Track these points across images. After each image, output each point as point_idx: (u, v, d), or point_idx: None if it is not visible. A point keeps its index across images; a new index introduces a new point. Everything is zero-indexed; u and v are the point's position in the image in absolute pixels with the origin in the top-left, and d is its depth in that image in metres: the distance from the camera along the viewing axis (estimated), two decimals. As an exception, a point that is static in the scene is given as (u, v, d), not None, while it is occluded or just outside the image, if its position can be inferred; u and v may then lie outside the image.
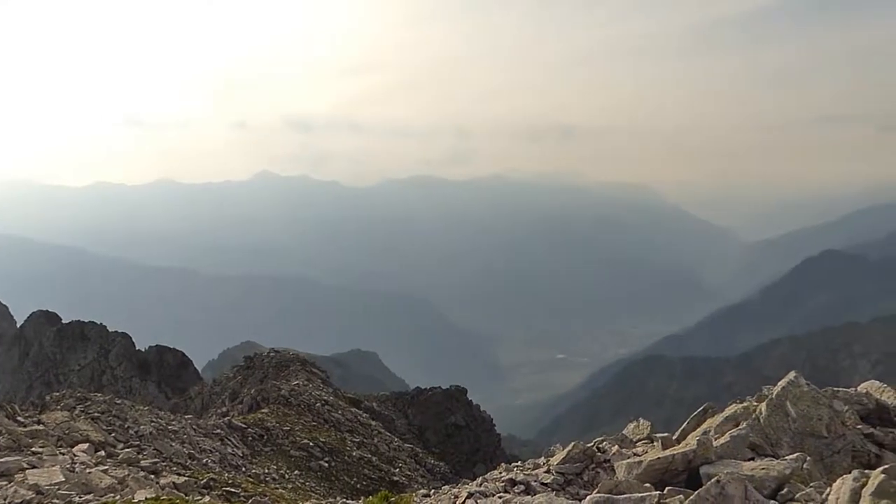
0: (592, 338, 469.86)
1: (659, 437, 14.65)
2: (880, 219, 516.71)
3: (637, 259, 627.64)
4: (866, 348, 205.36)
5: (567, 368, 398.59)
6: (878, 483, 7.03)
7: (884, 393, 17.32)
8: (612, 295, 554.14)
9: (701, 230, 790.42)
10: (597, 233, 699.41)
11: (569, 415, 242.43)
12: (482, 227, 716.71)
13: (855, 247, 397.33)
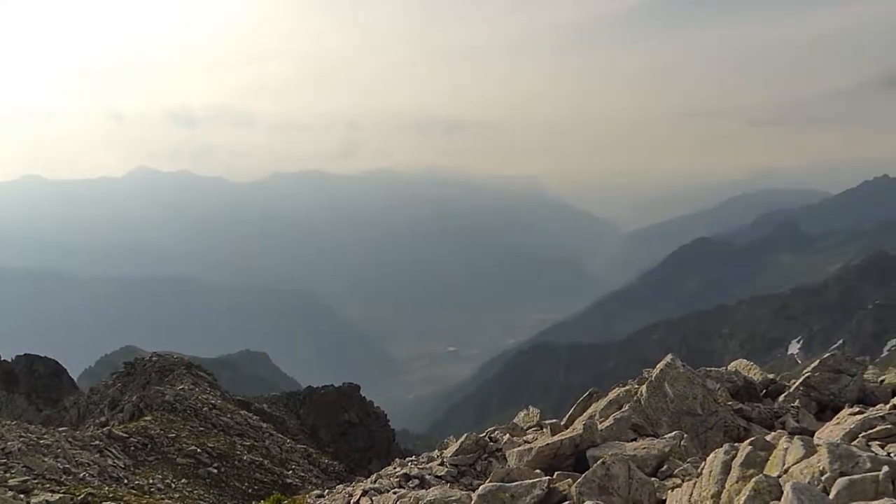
0: (482, 329, 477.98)
1: (548, 424, 15.08)
2: (747, 207, 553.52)
3: (523, 250, 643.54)
4: (735, 329, 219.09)
5: (459, 360, 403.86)
6: (746, 454, 7.51)
7: (750, 370, 18.54)
8: (500, 286, 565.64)
9: (584, 221, 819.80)
10: (485, 225, 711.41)
11: (461, 406, 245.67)
12: (372, 221, 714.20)
13: (724, 234, 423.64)
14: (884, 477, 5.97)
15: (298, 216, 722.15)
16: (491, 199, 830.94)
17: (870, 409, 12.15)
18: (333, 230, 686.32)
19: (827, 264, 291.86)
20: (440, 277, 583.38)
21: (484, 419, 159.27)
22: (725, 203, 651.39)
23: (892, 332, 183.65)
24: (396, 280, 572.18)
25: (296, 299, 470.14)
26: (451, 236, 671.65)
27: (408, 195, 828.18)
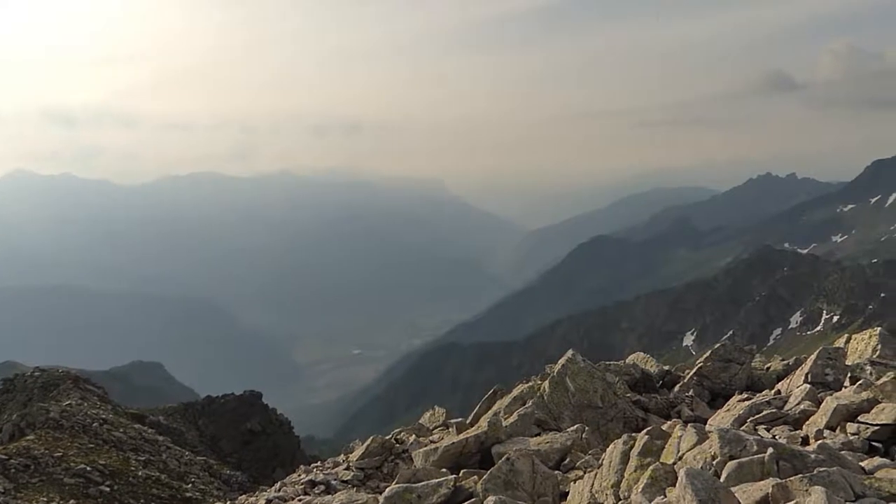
0: (387, 330, 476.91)
1: (454, 423, 15.13)
2: (642, 205, 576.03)
3: (427, 251, 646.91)
4: (633, 324, 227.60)
5: (364, 363, 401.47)
6: (643, 444, 7.74)
7: (647, 363, 19.20)
8: (404, 287, 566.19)
9: (486, 221, 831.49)
10: (387, 227, 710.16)
11: (368, 409, 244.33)
12: (270, 225, 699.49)
13: (621, 231, 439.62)
14: (769, 458, 6.28)
15: (193, 220, 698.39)
16: (393, 201, 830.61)
17: (757, 396, 12.80)
18: (231, 234, 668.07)
19: (717, 259, 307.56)
20: (343, 280, 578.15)
21: (391, 421, 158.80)
22: (621, 201, 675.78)
23: (778, 322, 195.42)
24: (298, 284, 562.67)
25: (192, 306, 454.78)
26: (353, 238, 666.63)
27: (309, 197, 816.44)
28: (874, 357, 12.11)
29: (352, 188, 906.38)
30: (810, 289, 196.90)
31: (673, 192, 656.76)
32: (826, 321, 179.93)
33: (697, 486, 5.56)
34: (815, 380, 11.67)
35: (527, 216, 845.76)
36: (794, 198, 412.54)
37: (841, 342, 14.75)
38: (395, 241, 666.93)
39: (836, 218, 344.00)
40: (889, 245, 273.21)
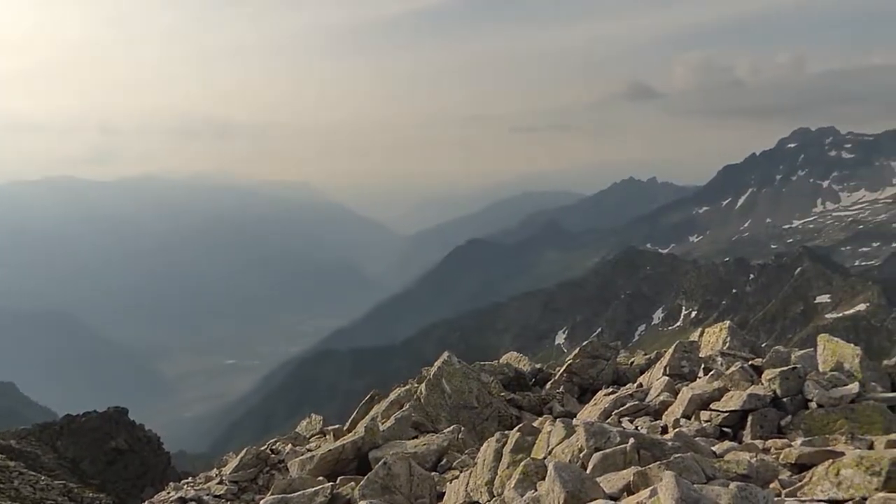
0: (262, 339, 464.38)
1: (331, 430, 14.98)
2: (514, 208, 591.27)
3: (302, 256, 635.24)
4: (508, 324, 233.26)
5: (239, 373, 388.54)
6: (515, 441, 7.99)
7: (520, 362, 19.76)
8: (279, 294, 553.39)
9: (361, 225, 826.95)
10: (260, 232, 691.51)
11: (244, 421, 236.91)
12: (135, 231, 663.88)
13: (495, 235, 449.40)
14: (630, 448, 6.66)
15: (48, 227, 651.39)
16: (266, 205, 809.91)
17: (621, 389, 13.47)
18: (90, 242, 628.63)
19: (586, 260, 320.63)
20: (214, 288, 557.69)
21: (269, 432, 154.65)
22: (495, 205, 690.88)
23: (642, 318, 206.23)
24: (165, 293, 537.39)
25: (48, 320, 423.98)
26: (224, 245, 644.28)
27: (175, 202, 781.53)
28: (724, 349, 13.04)
29: (222, 192, 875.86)
30: (670, 286, 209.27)
31: (543, 195, 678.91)
32: (685, 317, 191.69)
33: (565, 479, 5.79)
34: (673, 372, 12.44)
35: (403, 220, 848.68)
36: (654, 201, 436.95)
37: (695, 336, 15.77)
38: (268, 247, 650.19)
39: (692, 219, 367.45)
40: (739, 244, 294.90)
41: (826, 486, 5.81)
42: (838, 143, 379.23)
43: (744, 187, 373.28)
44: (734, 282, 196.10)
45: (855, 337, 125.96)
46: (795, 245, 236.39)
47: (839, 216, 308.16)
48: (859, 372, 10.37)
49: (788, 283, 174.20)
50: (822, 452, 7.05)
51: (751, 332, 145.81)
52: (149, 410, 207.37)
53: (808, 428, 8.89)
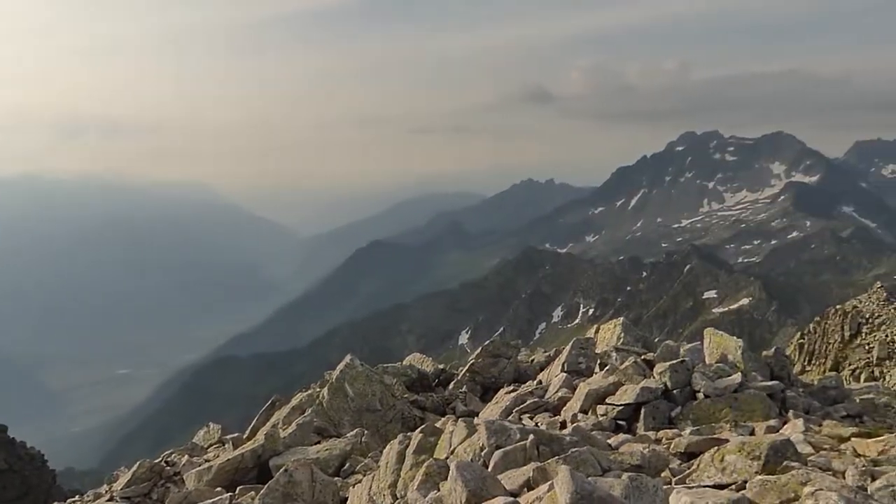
0: (157, 347, 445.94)
1: (230, 439, 14.57)
2: (417, 210, 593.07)
3: (199, 260, 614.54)
4: (412, 325, 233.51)
5: (132, 383, 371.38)
6: (418, 442, 8.02)
7: (424, 363, 19.83)
8: (174, 300, 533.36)
9: (261, 227, 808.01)
10: (152, 235, 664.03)
11: (138, 433, 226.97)
12: (16, 234, 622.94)
13: (397, 236, 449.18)
14: (530, 444, 6.81)
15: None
16: (158, 207, 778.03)
17: (521, 387, 13.75)
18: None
19: (487, 260, 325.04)
20: (104, 294, 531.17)
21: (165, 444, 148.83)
22: (397, 206, 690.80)
23: (542, 317, 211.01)
24: (49, 300, 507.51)
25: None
26: (113, 248, 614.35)
27: (59, 204, 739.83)
28: (619, 344, 13.55)
29: (111, 193, 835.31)
30: (569, 285, 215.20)
31: (445, 197, 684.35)
32: (583, 314, 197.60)
33: (467, 478, 5.85)
34: (571, 368, 12.80)
35: (304, 222, 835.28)
36: (552, 202, 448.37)
37: (591, 333, 16.30)
38: (162, 250, 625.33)
39: (588, 220, 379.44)
40: (632, 243, 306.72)
41: (712, 472, 6.13)
42: (722, 147, 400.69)
43: (636, 188, 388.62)
44: (628, 279, 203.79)
45: (739, 330, 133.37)
46: (684, 243, 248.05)
47: (724, 216, 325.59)
48: (742, 363, 11.01)
49: (678, 280, 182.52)
50: (708, 441, 7.44)
51: (644, 327, 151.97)
52: (32, 426, 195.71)
53: (696, 417, 9.37)
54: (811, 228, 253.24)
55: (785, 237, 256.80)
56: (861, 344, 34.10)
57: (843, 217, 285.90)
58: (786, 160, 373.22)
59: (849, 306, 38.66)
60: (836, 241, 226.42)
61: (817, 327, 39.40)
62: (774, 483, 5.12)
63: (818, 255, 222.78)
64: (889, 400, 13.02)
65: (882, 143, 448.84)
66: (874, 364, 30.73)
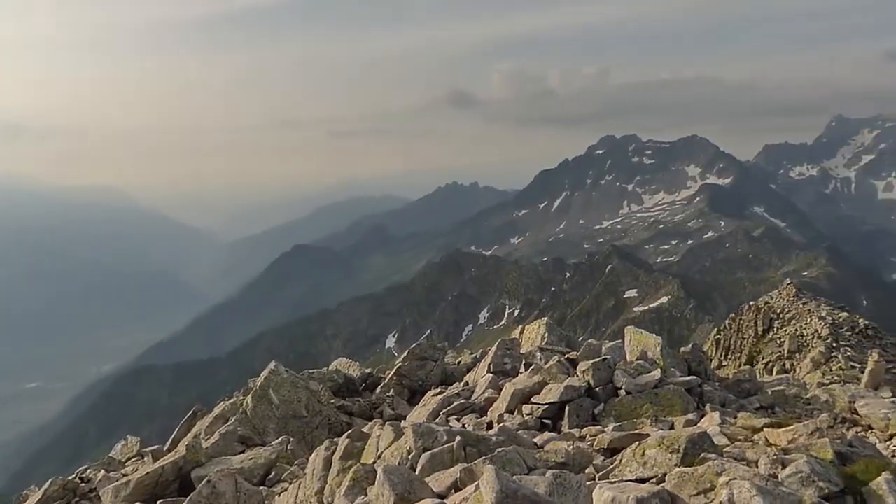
0: (69, 358, 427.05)
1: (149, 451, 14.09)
2: (340, 214, 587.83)
3: (114, 267, 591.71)
4: (338, 330, 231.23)
5: (41, 398, 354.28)
6: (345, 447, 7.94)
7: (350, 367, 19.68)
8: (88, 308, 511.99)
9: (179, 232, 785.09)
10: (62, 241, 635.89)
11: (50, 450, 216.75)
12: None
13: (321, 240, 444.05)
14: (457, 446, 6.85)
15: None
16: (69, 213, 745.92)
17: (448, 389, 13.81)
18: None
19: (413, 263, 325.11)
20: (10, 304, 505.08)
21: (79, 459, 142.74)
22: (321, 210, 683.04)
23: (468, 319, 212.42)
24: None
25: None
26: (18, 256, 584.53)
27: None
28: (543, 344, 13.77)
29: (14, 198, 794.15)
30: (494, 287, 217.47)
31: (369, 200, 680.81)
32: (509, 315, 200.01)
33: (394, 481, 5.84)
34: (497, 369, 12.93)
35: (225, 226, 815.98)
36: (477, 204, 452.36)
37: (516, 333, 16.51)
38: (73, 258, 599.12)
39: (512, 222, 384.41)
40: (555, 245, 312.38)
41: (634, 467, 6.30)
42: (640, 150, 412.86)
43: (558, 191, 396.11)
44: (552, 280, 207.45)
45: (659, 327, 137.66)
46: (605, 244, 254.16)
47: (643, 217, 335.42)
48: (661, 360, 11.35)
49: (600, 280, 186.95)
50: (630, 436, 7.65)
51: (568, 327, 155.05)
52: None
53: (619, 414, 9.60)
54: (725, 228, 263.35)
55: (701, 237, 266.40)
56: (773, 338, 35.63)
57: (755, 217, 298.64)
58: (700, 163, 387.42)
59: (761, 303, 40.40)
60: (749, 241, 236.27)
61: (732, 323, 41.01)
62: (692, 474, 5.30)
63: (732, 254, 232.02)
64: (798, 391, 13.66)
65: (789, 146, 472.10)
66: (785, 357, 32.11)
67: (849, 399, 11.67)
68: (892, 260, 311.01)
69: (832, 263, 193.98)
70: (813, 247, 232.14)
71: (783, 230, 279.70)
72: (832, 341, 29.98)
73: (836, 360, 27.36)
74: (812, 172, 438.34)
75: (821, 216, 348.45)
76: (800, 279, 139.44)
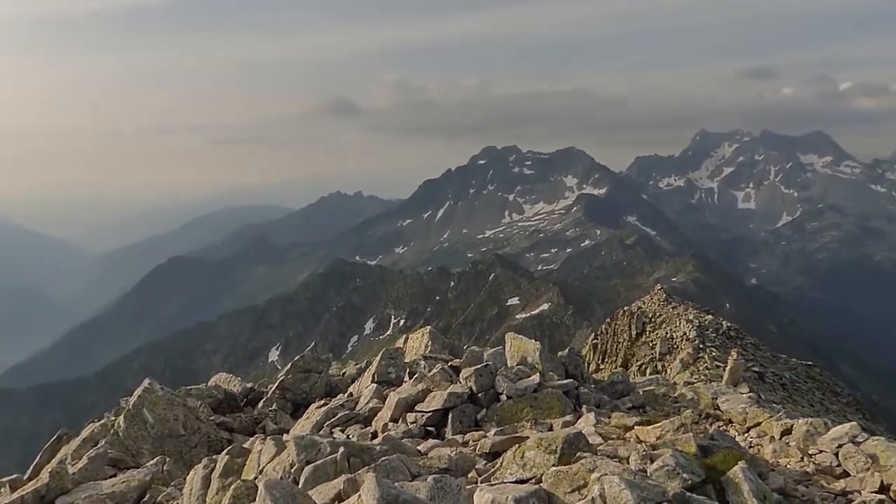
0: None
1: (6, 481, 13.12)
2: (219, 224, 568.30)
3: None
4: (218, 344, 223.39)
5: None
6: (224, 464, 7.73)
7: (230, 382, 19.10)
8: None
9: (43, 245, 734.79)
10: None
11: None
12: None
13: (199, 251, 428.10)
14: (340, 457, 6.81)
15: None
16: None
17: (333, 400, 13.68)
18: None
19: (296, 274, 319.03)
20: None
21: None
22: (198, 220, 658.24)
23: (354, 329, 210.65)
24: None
25: None
26: None
27: None
28: (427, 352, 13.91)
29: None
30: (380, 297, 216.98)
31: (250, 210, 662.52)
32: (395, 325, 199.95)
33: (276, 496, 5.74)
34: (381, 378, 12.94)
35: (96, 238, 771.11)
36: (361, 214, 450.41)
37: (400, 342, 16.58)
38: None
39: (397, 232, 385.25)
40: (440, 254, 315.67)
41: (514, 469, 6.49)
42: (520, 161, 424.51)
43: (442, 201, 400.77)
44: (437, 289, 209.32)
45: (540, 333, 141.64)
46: (488, 253, 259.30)
47: (524, 226, 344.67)
48: (540, 364, 11.72)
49: (484, 289, 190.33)
50: (511, 439, 7.86)
51: (454, 335, 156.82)
52: None
53: (500, 418, 9.84)
54: (601, 237, 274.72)
55: (578, 245, 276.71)
56: (646, 341, 37.47)
57: (628, 226, 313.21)
58: (577, 174, 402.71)
59: (634, 308, 42.42)
60: (623, 248, 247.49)
61: (608, 328, 42.81)
62: (567, 473, 5.53)
63: (607, 261, 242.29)
64: (667, 390, 14.45)
65: (658, 158, 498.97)
66: (657, 359, 33.82)
67: (711, 396, 12.47)
68: (751, 265, 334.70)
69: (698, 269, 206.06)
70: (681, 253, 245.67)
71: (654, 238, 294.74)
72: (699, 343, 31.84)
73: (702, 361, 29.07)
74: (679, 183, 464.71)
75: (687, 224, 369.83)
76: (669, 284, 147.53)
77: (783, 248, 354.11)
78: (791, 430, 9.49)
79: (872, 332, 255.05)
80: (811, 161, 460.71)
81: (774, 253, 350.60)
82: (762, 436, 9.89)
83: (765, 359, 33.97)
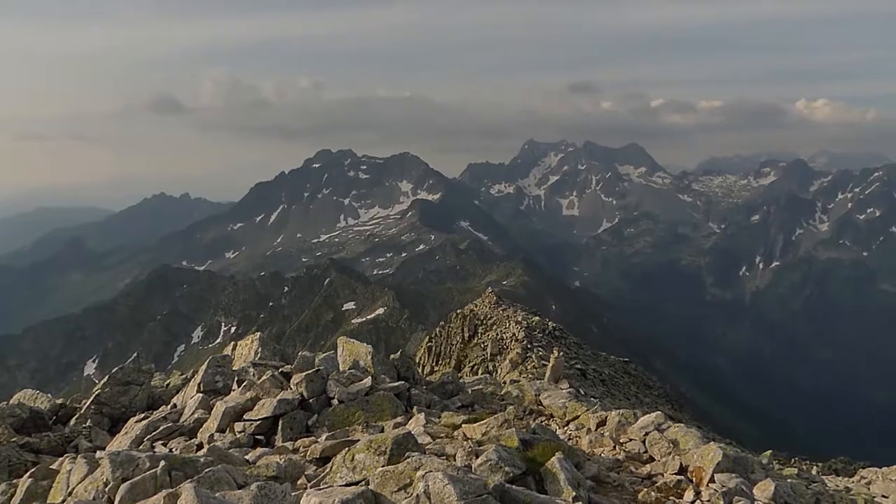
0: None
1: None
2: (25, 227, 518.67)
3: None
4: (23, 359, 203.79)
5: None
6: (27, 488, 7.11)
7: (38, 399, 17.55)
8: None
9: None
10: None
11: None
12: None
13: (4, 256, 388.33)
14: (161, 471, 6.48)
15: None
16: None
17: (154, 413, 12.96)
18: None
19: (116, 281, 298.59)
20: None
21: None
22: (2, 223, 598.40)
23: (181, 338, 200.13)
24: None
25: None
26: None
27: None
28: (256, 359, 13.53)
29: None
30: (209, 303, 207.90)
31: (62, 212, 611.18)
32: (225, 332, 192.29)
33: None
34: (207, 388, 12.43)
35: None
36: (188, 217, 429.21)
37: (229, 349, 16.02)
38: None
39: (227, 236, 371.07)
40: (273, 259, 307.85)
41: (344, 472, 6.50)
42: (355, 165, 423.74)
43: (275, 204, 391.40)
44: (270, 295, 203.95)
45: (377, 338, 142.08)
46: (323, 258, 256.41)
47: (359, 230, 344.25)
48: (371, 367, 11.79)
49: (319, 294, 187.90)
50: (342, 444, 7.85)
51: (288, 341, 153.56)
52: None
53: (332, 423, 9.80)
54: (435, 241, 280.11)
55: (413, 250, 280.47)
56: (478, 343, 38.69)
57: (461, 231, 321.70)
58: (412, 179, 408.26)
59: (467, 311, 43.66)
60: (456, 253, 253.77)
61: (442, 331, 43.75)
62: (393, 472, 5.63)
63: (442, 266, 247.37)
64: (495, 389, 15.03)
65: (490, 165, 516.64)
66: (489, 360, 35.02)
67: (535, 393, 13.13)
68: (575, 269, 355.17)
69: (527, 273, 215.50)
70: (511, 258, 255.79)
71: (486, 243, 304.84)
72: (527, 343, 33.36)
73: (530, 360, 30.47)
74: (509, 190, 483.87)
75: (517, 230, 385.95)
76: (500, 288, 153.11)
77: (603, 253, 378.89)
78: (605, 421, 10.22)
79: (680, 330, 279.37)
80: (628, 171, 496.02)
81: (595, 257, 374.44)
82: (580, 428, 10.57)
83: (587, 357, 36.22)
